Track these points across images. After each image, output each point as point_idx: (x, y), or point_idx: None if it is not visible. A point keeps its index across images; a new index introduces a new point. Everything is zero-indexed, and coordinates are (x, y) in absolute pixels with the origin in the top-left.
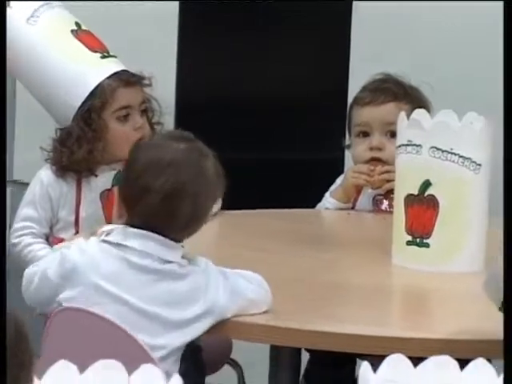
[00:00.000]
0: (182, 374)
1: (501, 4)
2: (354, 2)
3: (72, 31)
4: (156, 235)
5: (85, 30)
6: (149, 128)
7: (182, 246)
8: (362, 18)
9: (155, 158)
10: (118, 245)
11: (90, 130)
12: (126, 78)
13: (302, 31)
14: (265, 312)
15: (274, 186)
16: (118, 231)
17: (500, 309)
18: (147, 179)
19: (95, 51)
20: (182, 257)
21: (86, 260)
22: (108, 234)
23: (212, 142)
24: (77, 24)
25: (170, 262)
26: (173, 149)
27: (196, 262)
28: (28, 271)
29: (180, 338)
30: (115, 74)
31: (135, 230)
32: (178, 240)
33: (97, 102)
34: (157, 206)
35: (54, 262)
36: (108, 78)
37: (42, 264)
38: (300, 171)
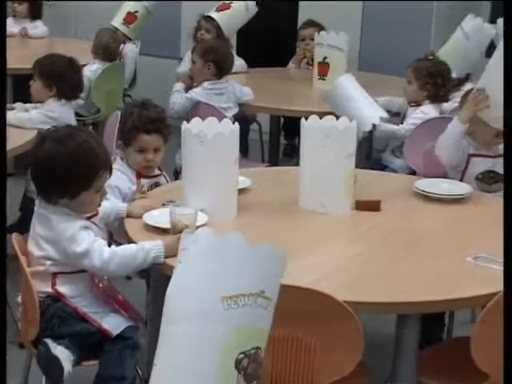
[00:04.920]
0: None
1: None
2: None
3: None
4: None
5: None
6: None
7: None
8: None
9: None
10: (212, 88)
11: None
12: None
13: None
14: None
15: (271, 57)
16: (204, 86)
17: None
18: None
19: None
20: None
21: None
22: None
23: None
24: None
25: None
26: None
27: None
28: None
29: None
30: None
31: (219, 80)
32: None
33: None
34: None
35: (185, 99)
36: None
37: (181, 96)
38: (283, 53)
